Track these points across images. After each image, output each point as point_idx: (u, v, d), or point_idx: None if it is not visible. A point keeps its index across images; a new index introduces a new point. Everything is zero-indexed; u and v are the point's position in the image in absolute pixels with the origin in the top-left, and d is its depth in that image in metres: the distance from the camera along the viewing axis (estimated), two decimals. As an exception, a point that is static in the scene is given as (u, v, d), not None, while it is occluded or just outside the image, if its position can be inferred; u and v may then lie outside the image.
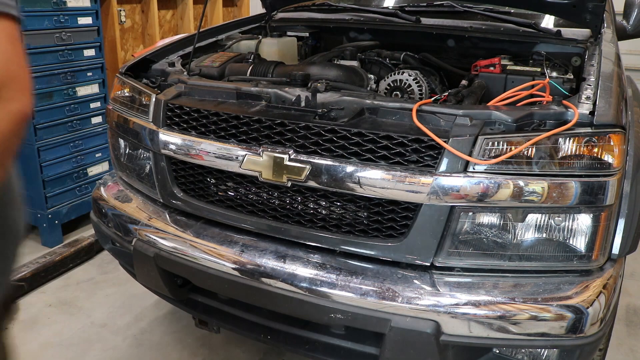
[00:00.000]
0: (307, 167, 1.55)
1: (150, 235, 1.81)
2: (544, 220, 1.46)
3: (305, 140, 1.58)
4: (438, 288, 1.47)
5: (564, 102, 1.53)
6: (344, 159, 1.53)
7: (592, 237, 1.45)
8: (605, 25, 2.21)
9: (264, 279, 1.59)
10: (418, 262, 1.52)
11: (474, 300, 1.44)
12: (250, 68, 2.05)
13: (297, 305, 1.55)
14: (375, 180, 1.49)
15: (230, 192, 1.78)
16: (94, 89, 3.33)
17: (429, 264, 1.52)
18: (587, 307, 1.41)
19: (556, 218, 1.45)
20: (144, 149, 1.94)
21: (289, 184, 1.59)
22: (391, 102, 1.63)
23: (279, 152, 1.59)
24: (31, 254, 3.06)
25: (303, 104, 1.69)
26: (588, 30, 2.18)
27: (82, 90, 3.25)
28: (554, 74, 1.96)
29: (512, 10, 2.48)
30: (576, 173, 1.40)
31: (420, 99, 1.98)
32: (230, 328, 1.88)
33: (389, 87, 2.08)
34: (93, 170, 3.41)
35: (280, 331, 1.75)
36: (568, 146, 1.41)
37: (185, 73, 2.03)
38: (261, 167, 1.61)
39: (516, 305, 1.42)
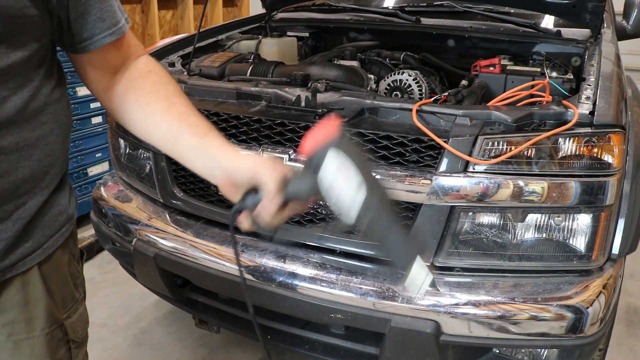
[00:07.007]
0: (307, 167, 1.55)
1: (151, 235, 1.81)
2: (544, 220, 1.46)
3: (305, 140, 1.58)
4: (438, 288, 1.47)
5: (564, 102, 1.53)
6: (343, 159, 1.52)
7: (592, 237, 1.45)
8: (605, 25, 2.21)
9: (263, 279, 1.59)
10: (418, 262, 1.52)
11: (474, 300, 1.44)
12: (250, 68, 2.05)
13: (297, 305, 1.56)
14: (375, 180, 1.48)
15: (230, 192, 1.77)
16: (94, 89, 3.33)
17: (428, 264, 1.52)
18: (587, 307, 1.41)
19: (556, 218, 1.45)
20: (144, 149, 1.94)
21: (289, 184, 1.59)
22: (391, 102, 1.63)
23: (278, 152, 1.58)
24: (31, 254, 3.06)
25: (303, 104, 1.69)
26: (588, 30, 2.18)
27: (83, 91, 3.25)
28: (554, 74, 1.95)
29: (512, 11, 2.48)
30: (576, 173, 1.40)
31: (420, 99, 1.98)
32: (230, 328, 1.88)
33: (389, 87, 2.08)
34: (93, 170, 3.41)
35: (280, 331, 1.75)
36: (568, 146, 1.41)
37: (185, 73, 2.03)
38: (261, 167, 1.61)
39: (516, 305, 1.42)
